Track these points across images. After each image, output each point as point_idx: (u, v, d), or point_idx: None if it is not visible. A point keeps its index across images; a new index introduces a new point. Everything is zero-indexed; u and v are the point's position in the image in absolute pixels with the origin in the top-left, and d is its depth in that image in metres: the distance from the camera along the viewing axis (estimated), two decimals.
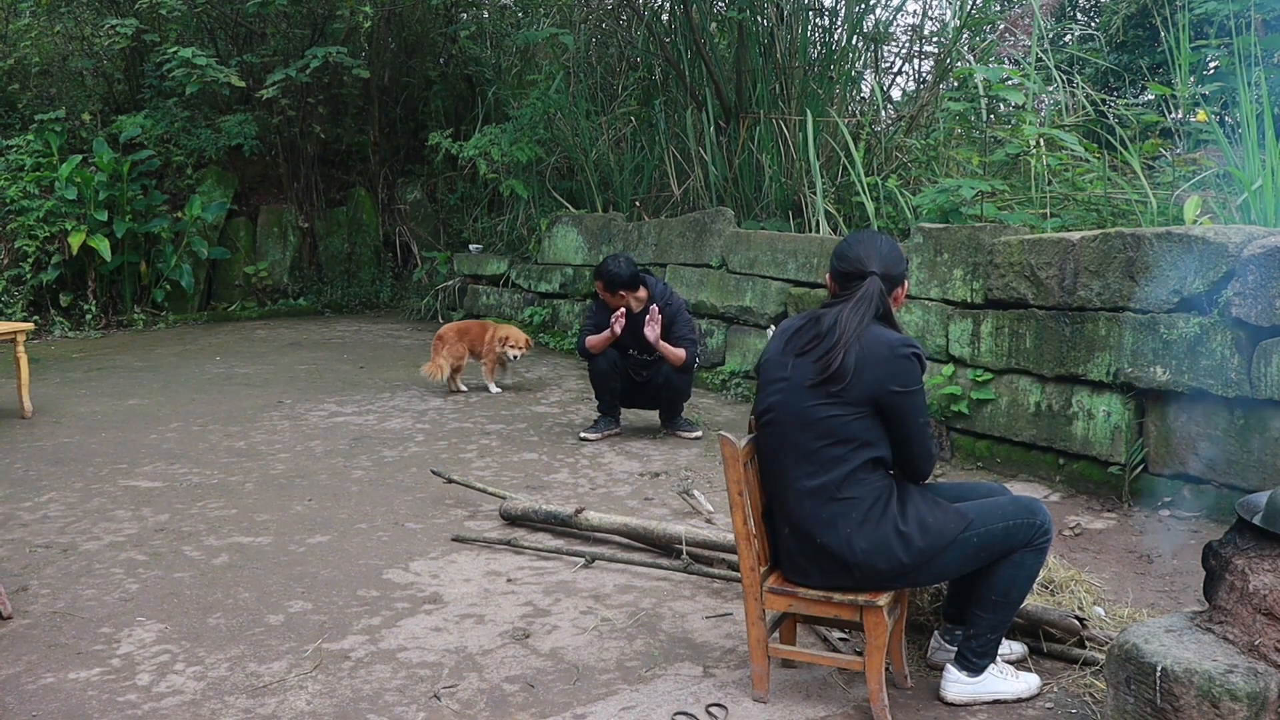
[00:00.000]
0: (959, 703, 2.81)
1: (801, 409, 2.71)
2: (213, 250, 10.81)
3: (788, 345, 2.81)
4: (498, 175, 9.69)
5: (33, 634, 3.33)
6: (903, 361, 2.67)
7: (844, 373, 2.65)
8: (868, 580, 2.68)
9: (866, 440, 2.68)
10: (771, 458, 2.80)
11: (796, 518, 2.74)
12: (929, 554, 2.67)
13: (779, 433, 2.77)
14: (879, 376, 2.66)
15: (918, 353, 2.70)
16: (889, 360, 2.66)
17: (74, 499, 4.78)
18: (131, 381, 7.57)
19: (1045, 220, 5.45)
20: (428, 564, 3.95)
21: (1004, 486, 3.01)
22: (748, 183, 8.09)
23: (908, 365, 2.68)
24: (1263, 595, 2.26)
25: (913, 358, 2.68)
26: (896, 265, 2.82)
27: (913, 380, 2.68)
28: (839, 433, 2.67)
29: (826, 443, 2.68)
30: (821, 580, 2.73)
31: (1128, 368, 4.47)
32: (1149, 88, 7.51)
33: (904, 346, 2.69)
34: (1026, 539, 2.72)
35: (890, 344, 2.68)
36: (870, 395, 2.66)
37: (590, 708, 2.85)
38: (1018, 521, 2.72)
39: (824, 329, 2.72)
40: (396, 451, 5.60)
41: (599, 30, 10.74)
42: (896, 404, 2.67)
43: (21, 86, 10.79)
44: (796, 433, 2.72)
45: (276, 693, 2.94)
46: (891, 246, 2.84)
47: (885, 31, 9.23)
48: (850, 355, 2.66)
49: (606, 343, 5.65)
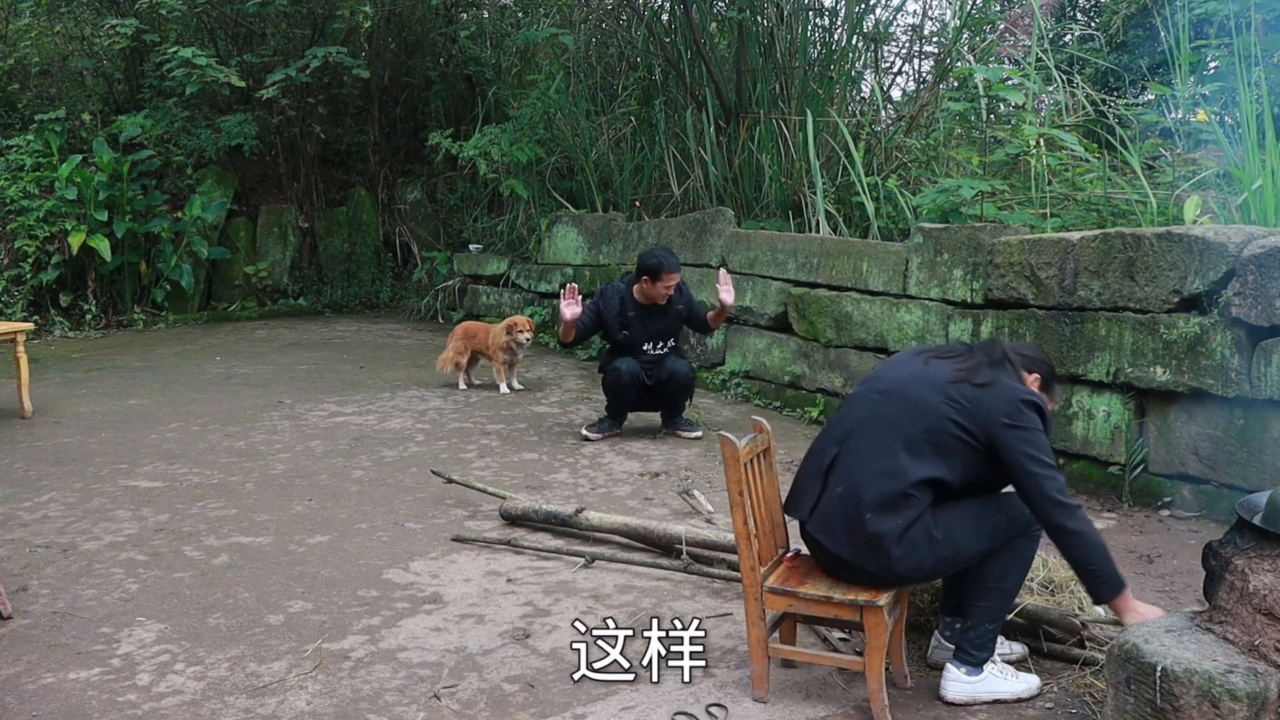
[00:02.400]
0: (959, 702, 2.82)
1: (923, 395, 2.77)
2: (213, 250, 10.81)
3: (923, 353, 2.97)
4: (498, 175, 9.69)
5: (33, 634, 3.33)
6: (1023, 405, 2.73)
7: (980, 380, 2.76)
8: (883, 576, 2.71)
9: (955, 456, 2.72)
10: (866, 422, 2.83)
11: (858, 484, 2.75)
12: (950, 561, 2.74)
13: (888, 404, 2.81)
14: (995, 409, 2.72)
15: (1040, 405, 2.76)
16: (1010, 401, 2.73)
17: (74, 499, 4.78)
18: (131, 381, 7.57)
19: (1045, 220, 5.45)
20: (428, 564, 3.95)
21: None
22: (748, 183, 8.09)
23: (1026, 409, 2.73)
24: (1263, 595, 2.26)
25: (1033, 407, 2.74)
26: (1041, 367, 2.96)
27: (1027, 421, 2.71)
28: (940, 437, 2.71)
29: (926, 437, 2.72)
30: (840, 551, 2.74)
31: (1128, 368, 4.47)
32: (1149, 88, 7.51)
33: (1029, 394, 2.78)
34: (1023, 527, 2.77)
35: (1017, 390, 2.78)
36: (983, 422, 2.71)
37: (590, 708, 2.85)
38: (1016, 511, 2.77)
39: (971, 352, 2.89)
40: (396, 451, 5.60)
41: (599, 30, 10.74)
42: (1006, 439, 2.69)
43: (21, 86, 10.78)
44: (906, 413, 2.76)
45: (276, 693, 2.94)
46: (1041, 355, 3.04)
47: (885, 31, 9.23)
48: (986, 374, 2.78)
49: (573, 324, 5.64)
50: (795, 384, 6.50)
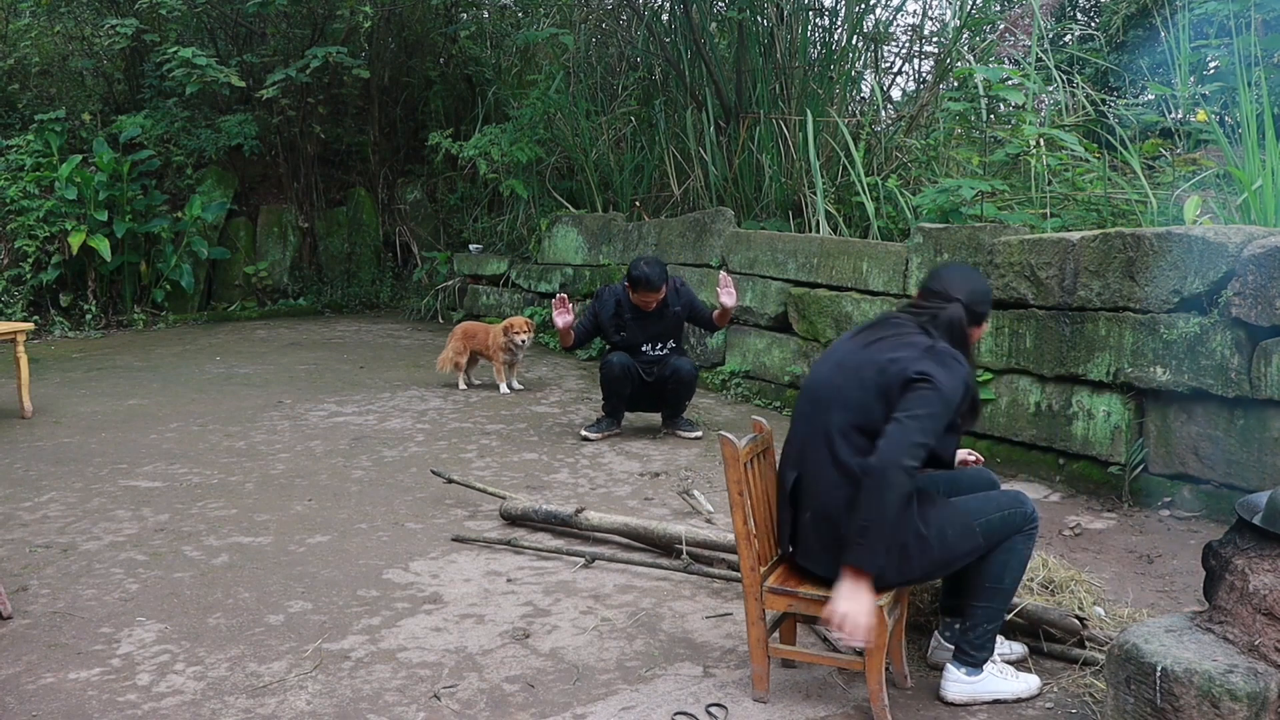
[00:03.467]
0: (959, 702, 2.82)
1: (844, 386, 2.73)
2: (213, 250, 10.81)
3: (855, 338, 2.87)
4: (498, 175, 9.69)
5: (33, 634, 3.33)
6: (938, 356, 2.65)
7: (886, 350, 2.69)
8: (878, 585, 2.68)
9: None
10: (807, 436, 2.79)
11: (822, 501, 2.73)
12: (941, 563, 2.72)
13: (819, 412, 2.76)
14: (909, 361, 2.65)
15: (958, 359, 2.68)
16: (913, 360, 2.65)
17: (74, 499, 4.78)
18: (131, 381, 7.57)
19: (1045, 220, 5.45)
20: (428, 564, 3.95)
21: (990, 472, 3.05)
22: (748, 183, 8.09)
23: (943, 360, 2.64)
24: (1263, 595, 2.26)
25: (952, 360, 2.66)
26: (982, 304, 2.86)
27: (940, 375, 2.61)
28: (873, 423, 2.65)
29: (862, 428, 2.67)
30: (829, 574, 2.70)
31: (1128, 368, 4.47)
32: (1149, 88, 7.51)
33: (928, 357, 2.66)
34: (1018, 525, 2.77)
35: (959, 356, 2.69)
36: (893, 390, 2.64)
37: (590, 708, 2.85)
38: (1011, 510, 2.77)
39: (890, 327, 2.80)
40: (396, 451, 5.60)
41: (599, 30, 10.74)
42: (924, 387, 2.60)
43: (21, 86, 10.78)
44: (838, 412, 2.72)
45: (276, 693, 2.94)
46: (985, 287, 2.90)
47: (885, 31, 9.23)
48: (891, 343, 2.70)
49: (567, 330, 5.66)
50: (795, 384, 6.49)
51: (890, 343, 2.74)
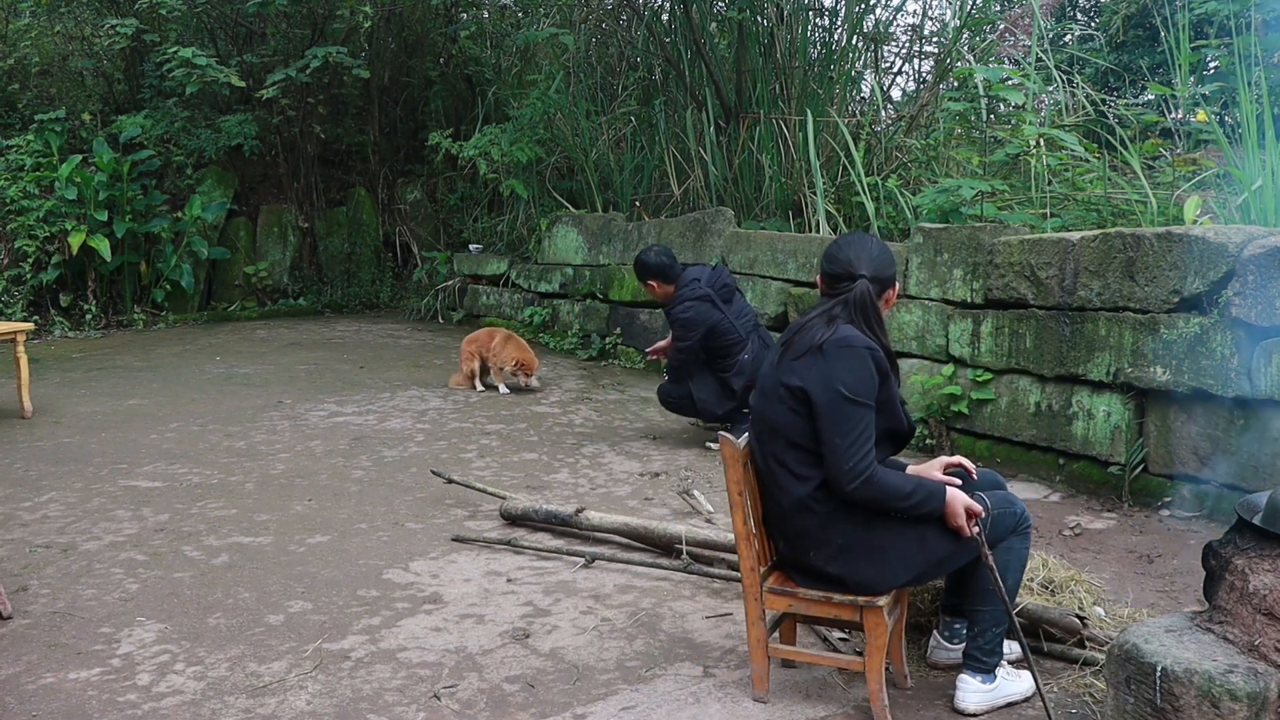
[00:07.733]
0: (979, 712, 2.77)
1: (770, 410, 2.71)
2: (213, 250, 10.81)
3: (774, 359, 2.81)
4: (498, 175, 9.69)
5: (33, 634, 3.33)
6: (827, 359, 2.60)
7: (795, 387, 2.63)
8: (865, 590, 2.69)
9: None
10: (763, 469, 2.78)
11: (786, 532, 2.75)
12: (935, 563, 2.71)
13: (763, 441, 2.75)
14: (806, 380, 2.62)
15: (849, 343, 2.62)
16: (816, 359, 2.61)
17: (74, 499, 4.78)
18: (131, 381, 7.57)
19: (1045, 220, 5.45)
20: (428, 564, 3.95)
21: (994, 473, 3.02)
22: (748, 183, 8.09)
23: (834, 358, 2.60)
24: (1263, 595, 2.26)
25: (843, 351, 2.61)
26: (887, 268, 2.79)
27: (839, 378, 2.57)
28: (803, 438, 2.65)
29: (798, 444, 2.66)
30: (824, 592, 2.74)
31: (1128, 368, 4.47)
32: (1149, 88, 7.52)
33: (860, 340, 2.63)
34: (1012, 525, 2.76)
35: (848, 340, 2.62)
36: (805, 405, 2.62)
37: (590, 708, 2.85)
38: (1003, 510, 2.76)
39: (798, 331, 2.73)
40: (396, 451, 5.60)
41: (599, 30, 10.73)
42: (827, 401, 2.58)
43: (21, 86, 10.78)
44: (772, 438, 2.72)
45: (276, 693, 2.94)
46: (881, 249, 2.82)
47: (885, 31, 9.23)
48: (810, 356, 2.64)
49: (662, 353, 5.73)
50: None
51: (788, 358, 2.69)
